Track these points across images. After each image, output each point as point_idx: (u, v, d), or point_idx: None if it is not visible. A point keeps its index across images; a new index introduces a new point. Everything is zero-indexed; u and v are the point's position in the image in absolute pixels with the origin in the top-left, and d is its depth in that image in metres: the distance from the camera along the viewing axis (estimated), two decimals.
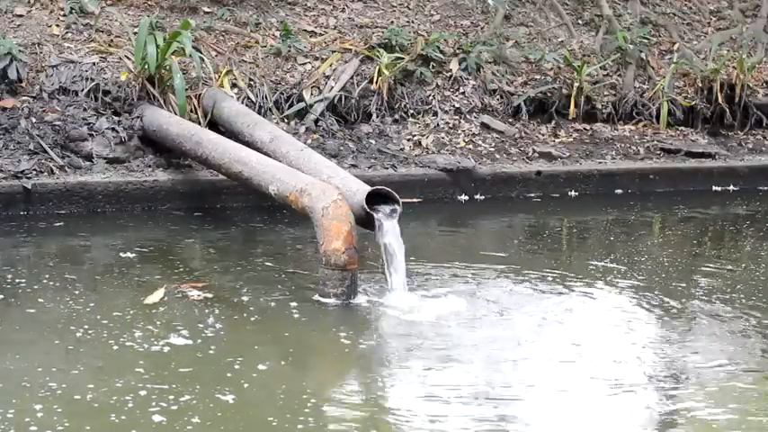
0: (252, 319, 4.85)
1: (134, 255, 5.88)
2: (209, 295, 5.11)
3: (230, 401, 3.83)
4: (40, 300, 5.00)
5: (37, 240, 6.24)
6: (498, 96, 8.88)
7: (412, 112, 8.53)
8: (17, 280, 5.31)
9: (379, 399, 4.02)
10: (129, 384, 3.93)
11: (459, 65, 8.86)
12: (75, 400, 3.79)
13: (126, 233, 6.42)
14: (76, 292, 5.12)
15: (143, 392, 3.86)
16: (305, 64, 8.43)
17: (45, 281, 5.31)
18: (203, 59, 7.70)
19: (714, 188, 8.85)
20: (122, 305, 4.92)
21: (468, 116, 8.67)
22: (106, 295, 5.12)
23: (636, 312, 5.21)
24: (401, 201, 5.26)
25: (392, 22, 9.22)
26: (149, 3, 8.53)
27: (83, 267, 5.67)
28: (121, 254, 5.88)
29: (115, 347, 4.36)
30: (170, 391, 3.89)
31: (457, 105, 8.70)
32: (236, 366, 4.19)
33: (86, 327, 4.59)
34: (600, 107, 9.17)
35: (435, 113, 8.58)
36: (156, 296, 5.04)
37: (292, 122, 8.05)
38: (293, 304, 5.03)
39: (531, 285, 5.59)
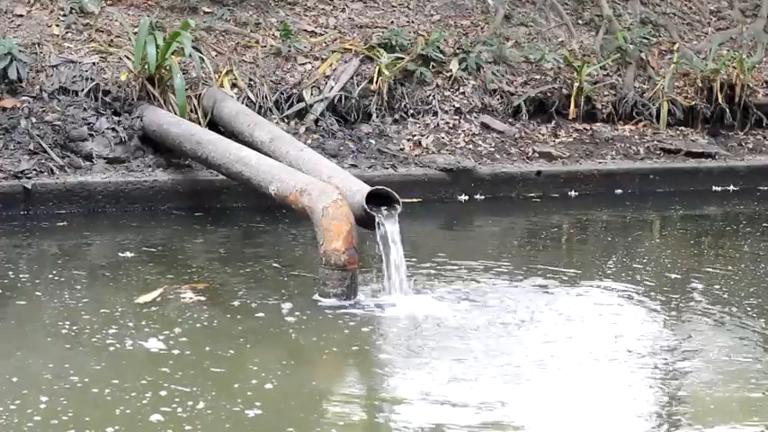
0: (249, 319, 4.84)
1: (134, 255, 5.88)
2: (207, 296, 5.11)
3: (229, 405, 3.83)
4: (37, 293, 5.05)
5: (37, 240, 6.25)
6: (498, 96, 8.89)
7: (412, 112, 8.53)
8: (19, 277, 5.35)
9: (380, 402, 4.02)
10: (104, 382, 3.93)
11: (459, 65, 8.86)
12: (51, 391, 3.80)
13: (126, 233, 6.42)
14: (74, 289, 5.13)
15: (116, 390, 3.86)
16: (305, 64, 8.44)
17: (45, 280, 5.32)
18: (203, 59, 7.70)
19: (714, 188, 8.85)
20: (113, 303, 4.93)
21: (468, 116, 8.67)
22: (101, 294, 5.12)
23: (636, 312, 5.21)
24: (401, 201, 5.27)
25: (392, 22, 9.22)
26: (149, 3, 8.53)
27: (82, 267, 5.67)
28: (121, 254, 5.88)
29: (99, 345, 4.36)
30: (171, 390, 3.89)
31: (457, 105, 8.70)
32: (234, 367, 4.19)
33: (69, 323, 4.60)
34: (600, 107, 9.17)
35: (435, 113, 8.58)
36: (149, 296, 5.04)
37: (292, 122, 8.06)
38: (293, 304, 5.01)
39: (532, 285, 5.59)
